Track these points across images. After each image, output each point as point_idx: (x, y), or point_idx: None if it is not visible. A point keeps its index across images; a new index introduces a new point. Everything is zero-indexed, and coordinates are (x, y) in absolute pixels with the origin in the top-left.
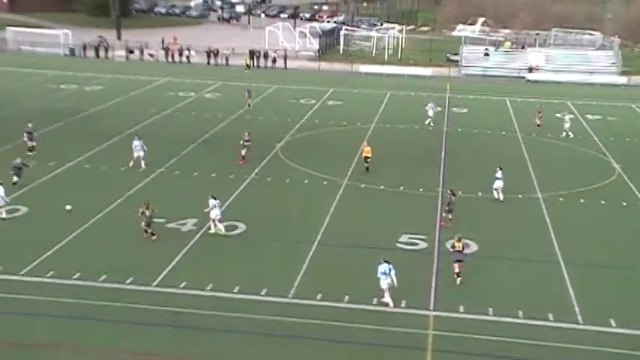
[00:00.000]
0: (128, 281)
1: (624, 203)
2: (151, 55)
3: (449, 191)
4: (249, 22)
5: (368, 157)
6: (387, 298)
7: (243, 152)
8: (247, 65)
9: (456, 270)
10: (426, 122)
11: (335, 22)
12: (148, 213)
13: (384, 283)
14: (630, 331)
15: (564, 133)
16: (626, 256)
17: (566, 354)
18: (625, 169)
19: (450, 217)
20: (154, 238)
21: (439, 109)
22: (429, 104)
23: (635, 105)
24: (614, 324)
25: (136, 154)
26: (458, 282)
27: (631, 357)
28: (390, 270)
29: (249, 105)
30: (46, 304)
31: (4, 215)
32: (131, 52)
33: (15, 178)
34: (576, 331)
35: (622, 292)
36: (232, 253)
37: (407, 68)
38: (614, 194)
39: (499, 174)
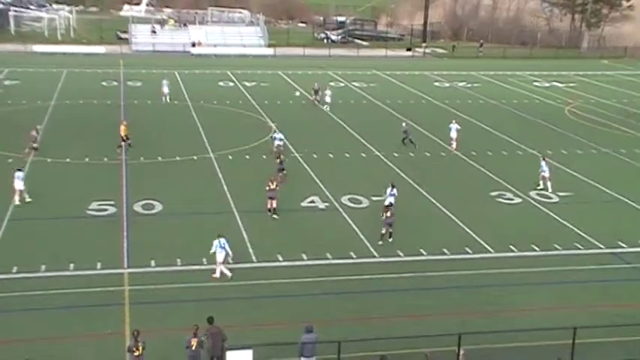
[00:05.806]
0: None
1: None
2: None
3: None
4: None
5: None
6: (225, 270)
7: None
8: None
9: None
10: (163, 99)
11: (2, 3)
12: None
13: (220, 256)
14: (294, 263)
15: (165, 98)
16: (285, 201)
17: (244, 290)
18: (279, 127)
19: (282, 174)
20: None
21: (115, 84)
22: (164, 81)
23: (282, 72)
24: (281, 259)
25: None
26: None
27: (296, 284)
28: (224, 244)
29: None
30: None
31: None
32: None
33: None
34: (252, 270)
35: (283, 231)
36: None
37: (81, 47)
38: (271, 149)
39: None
